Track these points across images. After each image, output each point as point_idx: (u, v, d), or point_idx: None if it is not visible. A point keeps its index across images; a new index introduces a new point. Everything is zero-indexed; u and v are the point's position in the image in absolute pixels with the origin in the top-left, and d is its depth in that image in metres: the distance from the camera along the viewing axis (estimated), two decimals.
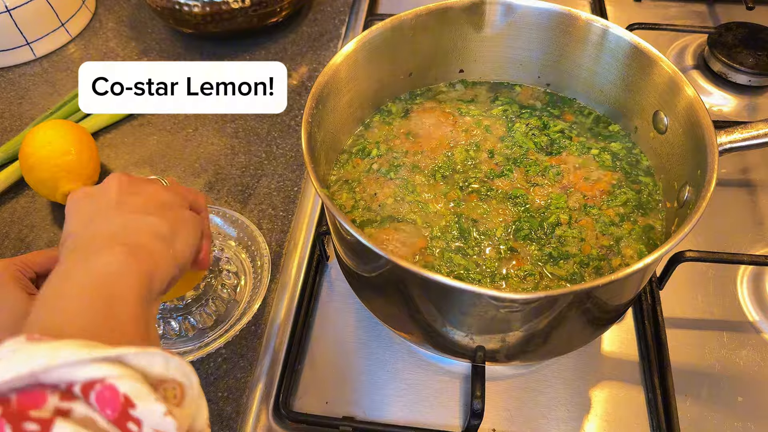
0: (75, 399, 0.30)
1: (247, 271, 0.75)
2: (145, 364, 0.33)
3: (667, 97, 0.63)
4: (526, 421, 0.64)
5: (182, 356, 0.67)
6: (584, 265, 0.60)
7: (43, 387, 0.30)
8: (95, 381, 0.31)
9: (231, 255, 0.75)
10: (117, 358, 0.32)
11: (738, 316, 0.71)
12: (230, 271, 0.72)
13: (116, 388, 0.31)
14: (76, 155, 0.80)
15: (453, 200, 0.66)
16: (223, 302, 0.71)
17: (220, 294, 0.70)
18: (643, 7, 1.12)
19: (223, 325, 0.70)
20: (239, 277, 0.74)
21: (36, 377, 0.30)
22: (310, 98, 0.60)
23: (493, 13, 0.71)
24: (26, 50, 1.05)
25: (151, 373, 0.33)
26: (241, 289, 0.73)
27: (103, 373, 0.31)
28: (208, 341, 0.68)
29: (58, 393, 0.30)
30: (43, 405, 0.29)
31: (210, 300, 0.69)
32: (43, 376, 0.30)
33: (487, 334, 0.56)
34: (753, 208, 0.81)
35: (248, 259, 0.75)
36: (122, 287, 0.40)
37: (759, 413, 0.64)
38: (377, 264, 0.55)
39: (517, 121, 0.73)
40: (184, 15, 0.99)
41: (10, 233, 0.82)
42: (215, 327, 0.69)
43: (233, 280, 0.72)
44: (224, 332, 0.69)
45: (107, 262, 0.41)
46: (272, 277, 0.75)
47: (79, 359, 0.31)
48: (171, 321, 0.68)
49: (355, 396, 0.66)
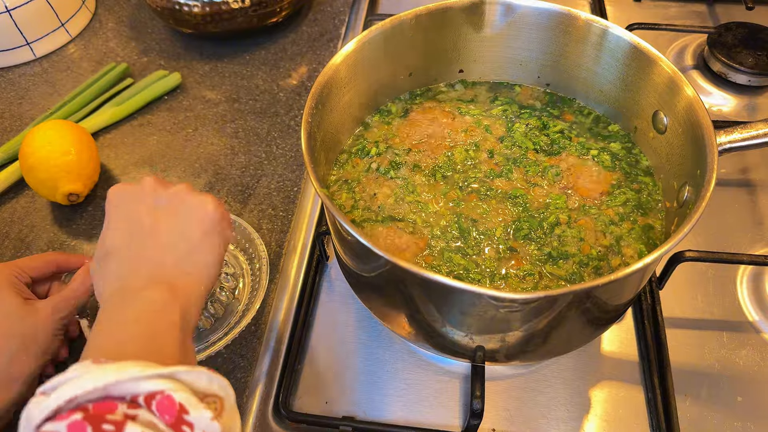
0: (139, 407, 0.36)
1: (246, 273, 0.74)
2: (193, 380, 0.39)
3: (666, 97, 0.63)
4: (526, 421, 0.64)
5: None
6: (584, 265, 0.60)
7: (113, 399, 0.36)
8: (156, 392, 0.37)
9: (229, 258, 0.75)
10: (170, 375, 0.38)
11: (738, 316, 0.71)
12: (228, 274, 0.72)
13: (173, 398, 0.37)
14: (76, 155, 0.80)
15: (452, 200, 0.66)
16: (222, 305, 0.70)
17: (218, 297, 0.70)
18: (643, 7, 1.12)
19: (222, 328, 0.70)
20: (237, 280, 0.74)
21: (107, 391, 0.36)
22: (310, 98, 0.60)
23: (492, 13, 0.71)
24: (26, 50, 1.05)
25: (197, 387, 0.39)
26: (240, 292, 0.73)
27: (161, 386, 0.37)
28: (207, 344, 0.67)
29: (126, 403, 0.36)
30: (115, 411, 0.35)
31: (208, 303, 0.69)
32: (113, 389, 0.36)
33: (487, 334, 0.56)
34: (753, 208, 0.81)
35: (246, 261, 0.75)
36: (165, 321, 0.46)
37: (759, 413, 0.64)
38: (377, 264, 0.55)
39: (517, 121, 0.73)
40: (184, 15, 0.99)
41: (10, 233, 0.82)
42: (214, 330, 0.69)
43: (231, 283, 0.72)
44: (224, 335, 0.68)
45: (152, 301, 0.47)
46: (272, 278, 0.75)
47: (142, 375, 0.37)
48: None
49: (355, 396, 0.66)
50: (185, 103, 0.98)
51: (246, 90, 1.00)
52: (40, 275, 0.66)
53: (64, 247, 0.81)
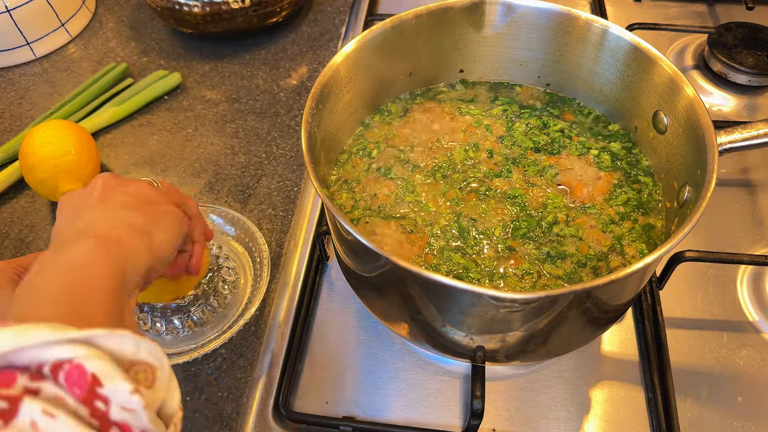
0: (44, 379, 0.31)
1: (248, 268, 0.75)
2: (115, 346, 0.34)
3: (666, 97, 0.63)
4: (526, 421, 0.64)
5: (180, 355, 0.67)
6: (581, 265, 0.60)
7: (13, 368, 0.31)
8: (63, 362, 0.31)
9: (230, 253, 0.75)
10: (85, 339, 0.32)
11: (738, 316, 0.71)
12: (230, 268, 0.72)
13: (84, 368, 0.31)
14: (76, 155, 0.80)
15: (452, 199, 0.66)
16: (224, 298, 0.71)
17: (221, 290, 0.70)
18: (643, 7, 1.12)
19: (223, 324, 0.70)
20: (239, 274, 0.74)
21: (6, 359, 0.31)
22: (310, 98, 0.60)
23: (493, 13, 0.71)
24: (26, 50, 1.05)
25: (121, 354, 0.34)
26: (241, 287, 0.73)
27: (71, 353, 0.31)
28: (208, 340, 0.68)
29: (28, 374, 0.31)
30: (12, 384, 0.30)
31: (211, 296, 0.69)
32: (14, 358, 0.31)
33: (487, 334, 0.56)
34: (753, 208, 0.81)
35: (248, 256, 0.76)
36: (91, 276, 0.40)
37: (759, 413, 0.64)
38: (377, 264, 0.55)
39: (517, 121, 0.73)
40: (184, 15, 0.99)
41: (10, 233, 0.82)
42: (216, 325, 0.70)
43: (233, 277, 0.72)
44: (224, 331, 0.69)
45: (75, 252, 0.41)
46: (272, 277, 0.75)
47: (47, 340, 0.31)
48: (173, 319, 0.68)
49: (355, 396, 0.66)
50: (185, 103, 0.98)
51: (246, 90, 1.00)
52: None
53: None
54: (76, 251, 0.41)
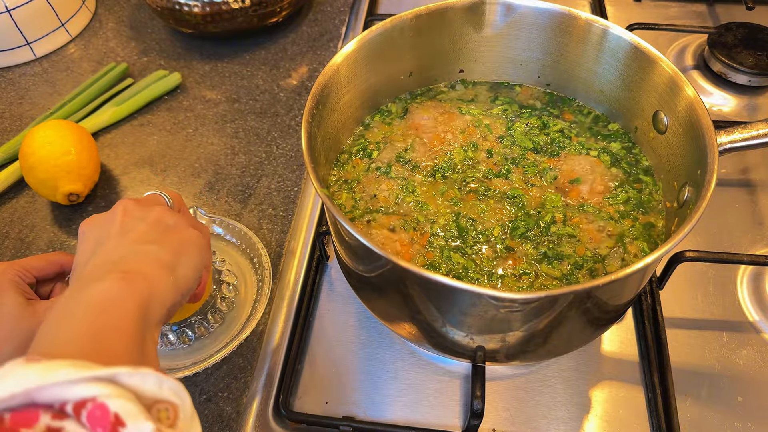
0: (66, 417, 0.31)
1: (248, 280, 0.74)
2: (138, 384, 0.33)
3: (667, 97, 0.63)
4: (526, 421, 0.64)
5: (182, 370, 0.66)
6: (578, 267, 0.60)
7: (36, 406, 0.31)
8: (87, 400, 0.31)
9: (233, 266, 0.75)
10: (109, 377, 0.32)
11: (738, 316, 0.71)
12: (230, 284, 0.72)
13: (107, 407, 0.31)
14: (76, 155, 0.80)
15: (451, 199, 0.66)
16: (222, 316, 0.70)
17: (219, 307, 0.70)
18: (643, 7, 1.12)
19: (223, 338, 0.69)
20: (239, 290, 0.73)
21: (30, 396, 0.31)
22: (310, 98, 0.60)
23: (493, 13, 0.71)
24: (26, 50, 1.05)
25: (144, 393, 0.34)
26: (242, 301, 0.73)
27: (94, 392, 0.31)
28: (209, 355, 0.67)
29: (51, 412, 0.30)
30: (34, 424, 0.30)
31: (208, 314, 0.69)
32: (37, 395, 0.31)
33: (487, 334, 0.56)
34: (753, 208, 0.81)
35: (249, 267, 0.75)
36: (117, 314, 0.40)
37: (759, 413, 0.64)
38: (377, 264, 0.55)
39: (517, 121, 0.73)
40: (184, 15, 0.99)
41: (10, 233, 0.82)
42: (215, 339, 0.69)
43: (233, 293, 0.72)
44: (225, 345, 0.68)
45: (102, 290, 0.41)
46: (272, 278, 0.75)
47: (71, 378, 0.31)
48: (168, 334, 0.68)
49: (355, 396, 0.66)
50: (185, 103, 0.98)
51: (246, 90, 1.00)
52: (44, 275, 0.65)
53: (64, 247, 0.81)
54: (103, 289, 0.42)
